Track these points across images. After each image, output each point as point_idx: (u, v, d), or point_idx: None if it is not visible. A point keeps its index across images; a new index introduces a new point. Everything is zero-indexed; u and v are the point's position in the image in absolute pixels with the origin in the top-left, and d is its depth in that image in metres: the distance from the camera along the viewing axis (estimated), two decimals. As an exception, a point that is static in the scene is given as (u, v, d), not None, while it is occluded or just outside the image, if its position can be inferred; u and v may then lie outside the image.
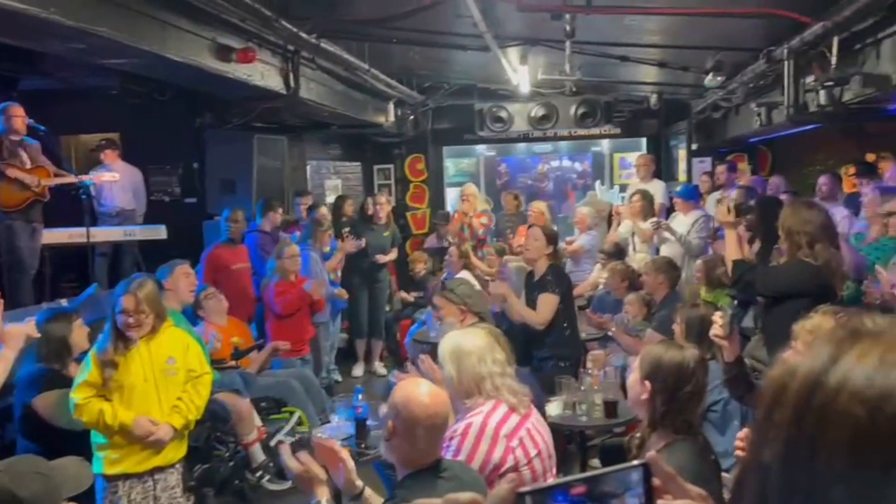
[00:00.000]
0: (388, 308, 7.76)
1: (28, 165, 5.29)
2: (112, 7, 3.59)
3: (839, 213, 5.58)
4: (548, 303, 4.45)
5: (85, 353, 3.44)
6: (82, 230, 5.68)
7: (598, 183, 9.84)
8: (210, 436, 4.28)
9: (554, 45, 5.46)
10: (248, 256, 6.12)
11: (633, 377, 2.52)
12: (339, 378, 6.97)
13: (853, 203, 5.95)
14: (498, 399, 2.68)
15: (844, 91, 4.62)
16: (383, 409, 2.32)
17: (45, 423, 3.36)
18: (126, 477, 3.24)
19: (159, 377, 3.32)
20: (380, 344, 7.50)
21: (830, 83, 4.48)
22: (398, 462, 2.24)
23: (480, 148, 10.38)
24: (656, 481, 0.73)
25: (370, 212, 7.48)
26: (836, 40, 4.33)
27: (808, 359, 0.44)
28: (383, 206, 7.32)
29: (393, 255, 7.51)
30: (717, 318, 2.76)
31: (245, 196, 6.89)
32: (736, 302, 4.62)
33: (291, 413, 4.73)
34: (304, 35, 4.92)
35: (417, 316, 7.01)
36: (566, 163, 10.62)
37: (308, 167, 8.60)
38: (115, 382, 3.21)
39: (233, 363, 4.75)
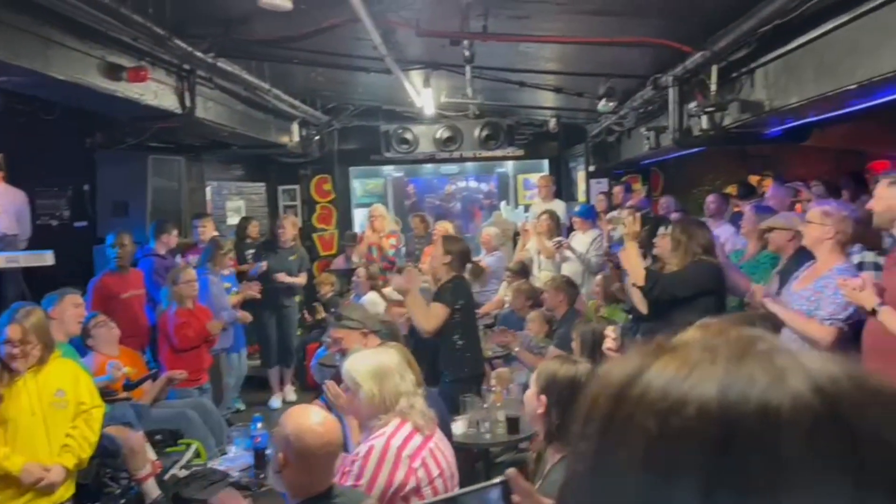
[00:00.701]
0: (299, 332, 7.62)
1: None
2: (-12, 23, 3.40)
3: (726, 231, 5.94)
4: (437, 312, 4.40)
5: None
6: (-41, 257, 5.29)
7: (503, 203, 10.07)
8: (100, 472, 4.04)
9: (455, 70, 5.57)
10: (143, 282, 5.86)
11: (529, 392, 2.59)
12: (243, 407, 6.77)
13: (737, 223, 6.36)
14: (404, 419, 2.68)
15: (724, 116, 4.94)
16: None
17: None
18: None
19: (48, 411, 3.13)
20: (290, 371, 7.33)
21: (711, 109, 4.77)
22: (289, 492, 2.20)
23: (388, 168, 10.42)
24: (515, 498, 0.75)
25: (286, 234, 7.34)
26: (714, 69, 4.64)
27: (617, 370, 0.47)
28: (287, 229, 7.19)
29: (301, 279, 7.37)
30: (610, 332, 2.88)
31: (139, 219, 6.60)
32: (630, 316, 4.82)
33: (188, 445, 4.53)
34: (199, 54, 4.81)
35: (324, 339, 6.91)
36: (473, 183, 10.81)
37: (208, 188, 8.34)
38: None
39: (124, 395, 4.51)
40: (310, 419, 2.18)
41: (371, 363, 2.73)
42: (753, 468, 0.39)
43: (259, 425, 3.37)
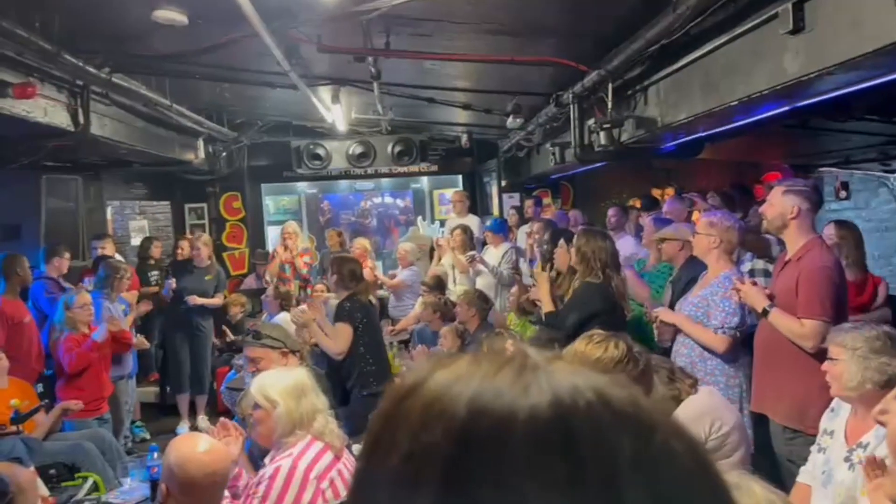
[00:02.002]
0: (213, 357, 7.36)
1: None
2: None
3: (627, 243, 6.16)
4: (342, 332, 4.49)
5: None
6: None
7: (419, 218, 10.11)
8: (-16, 514, 3.77)
9: (362, 86, 5.57)
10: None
11: None
12: (148, 436, 6.47)
13: (640, 234, 6.60)
14: (314, 438, 2.65)
15: (621, 132, 5.13)
16: None
17: None
18: None
19: None
20: (204, 398, 7.05)
21: (608, 125, 4.94)
22: None
23: (302, 185, 10.28)
24: None
25: (183, 253, 7.08)
26: (610, 87, 4.81)
27: (394, 388, 0.47)
28: (202, 248, 6.94)
29: (217, 300, 7.12)
30: (508, 346, 2.93)
31: (32, 242, 6.25)
32: (538, 328, 4.92)
33: (85, 479, 4.30)
34: (92, 69, 4.61)
35: (234, 362, 6.71)
36: (388, 199, 10.81)
37: (109, 208, 8.00)
38: None
39: (13, 428, 4.24)
40: (195, 447, 2.11)
41: (288, 380, 2.69)
42: (482, 488, 0.40)
43: (156, 455, 3.23)
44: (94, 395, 5.03)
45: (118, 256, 6.91)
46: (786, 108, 3.71)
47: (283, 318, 6.40)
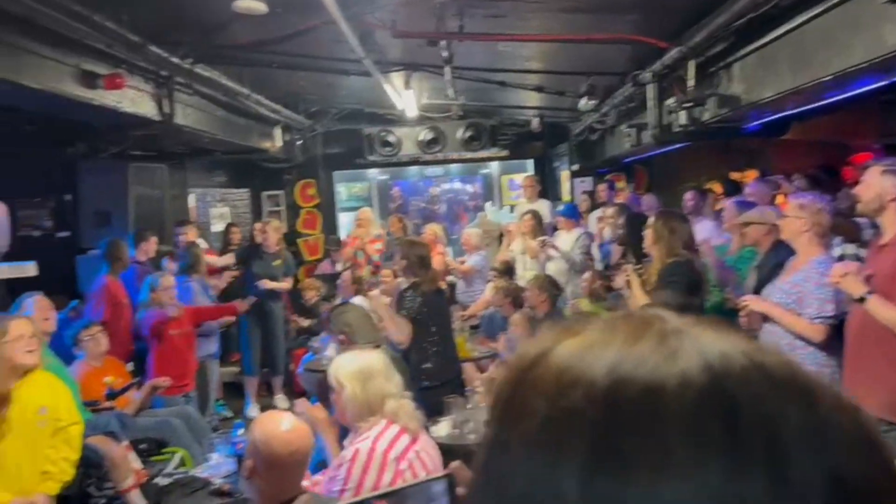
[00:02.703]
0: (284, 339, 7.55)
1: None
2: (-44, 31, 3.36)
3: (705, 227, 5.96)
4: (403, 323, 4.44)
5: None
6: (-63, 270, 5.25)
7: (488, 204, 10.08)
8: (83, 482, 3.99)
9: (435, 71, 5.56)
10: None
11: None
12: (230, 414, 6.71)
13: (720, 218, 6.37)
14: (390, 421, 2.67)
15: (703, 111, 4.95)
16: None
17: None
18: None
19: (29, 430, 3.06)
20: (279, 379, 7.25)
21: (689, 104, 4.78)
22: (259, 499, 2.18)
23: (373, 172, 10.40)
24: (460, 490, 0.74)
25: (258, 240, 7.28)
26: (692, 64, 4.65)
27: (520, 354, 0.46)
28: (270, 234, 7.12)
29: (286, 284, 7.29)
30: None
31: (122, 228, 6.55)
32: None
33: (173, 454, 4.50)
34: (176, 60, 4.78)
35: (311, 344, 6.88)
36: (457, 185, 10.82)
37: (191, 195, 8.30)
38: None
39: (108, 404, 4.47)
40: (279, 426, 2.16)
41: (355, 364, 2.72)
42: (633, 451, 0.38)
43: (240, 432, 3.35)
44: (181, 372, 5.24)
45: (202, 243, 7.17)
46: (884, 83, 3.50)
47: (358, 302, 6.51)
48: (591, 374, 0.41)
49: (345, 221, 9.96)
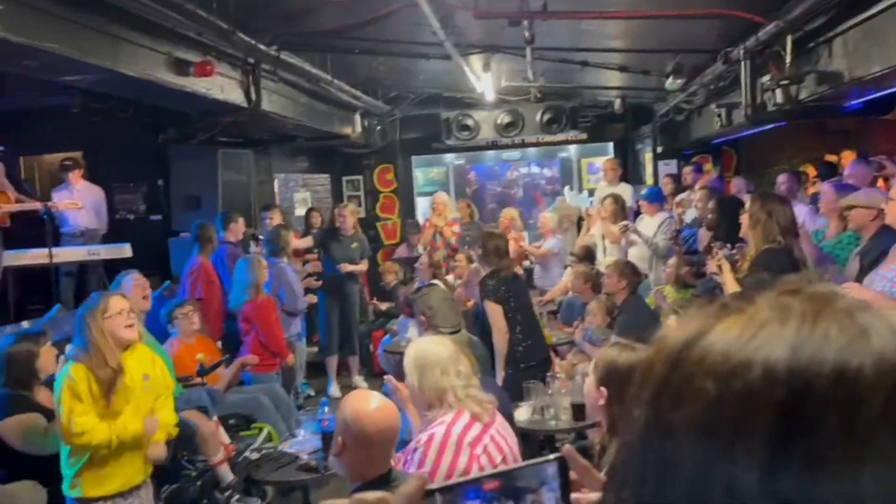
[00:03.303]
0: (361, 320, 7.69)
1: (-10, 191, 5.21)
2: (62, 23, 3.53)
3: (800, 212, 5.66)
4: (493, 311, 4.46)
5: (52, 376, 3.34)
6: (45, 251, 5.59)
7: (566, 188, 9.92)
8: (177, 455, 4.19)
9: (515, 52, 5.49)
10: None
11: (588, 382, 2.48)
12: (313, 393, 6.89)
13: (816, 203, 6.05)
14: (461, 409, 2.65)
15: (800, 89, 4.69)
16: None
17: (9, 449, 3.26)
18: (110, 497, 3.14)
19: (139, 395, 3.22)
20: (356, 359, 7.40)
21: (786, 82, 4.54)
22: (348, 476, 2.21)
23: (450, 156, 10.41)
24: (573, 475, 0.71)
25: (336, 223, 7.42)
26: (789, 39, 4.40)
27: (674, 335, 0.43)
28: (347, 217, 7.24)
29: (362, 266, 7.42)
30: (671, 322, 2.78)
31: (211, 212, 6.80)
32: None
33: (260, 429, 4.66)
34: (262, 47, 4.89)
35: (389, 327, 6.97)
36: (535, 169, 10.69)
37: (276, 180, 8.54)
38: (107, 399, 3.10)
39: (199, 380, 4.67)
40: (368, 404, 2.18)
41: (415, 354, 2.69)
42: (825, 438, 0.34)
43: (326, 409, 3.42)
44: (270, 352, 5.42)
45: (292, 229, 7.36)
46: None
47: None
48: (767, 353, 0.37)
49: (422, 206, 10.02)
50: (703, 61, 5.85)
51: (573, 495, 0.70)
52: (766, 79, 4.78)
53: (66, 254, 6.27)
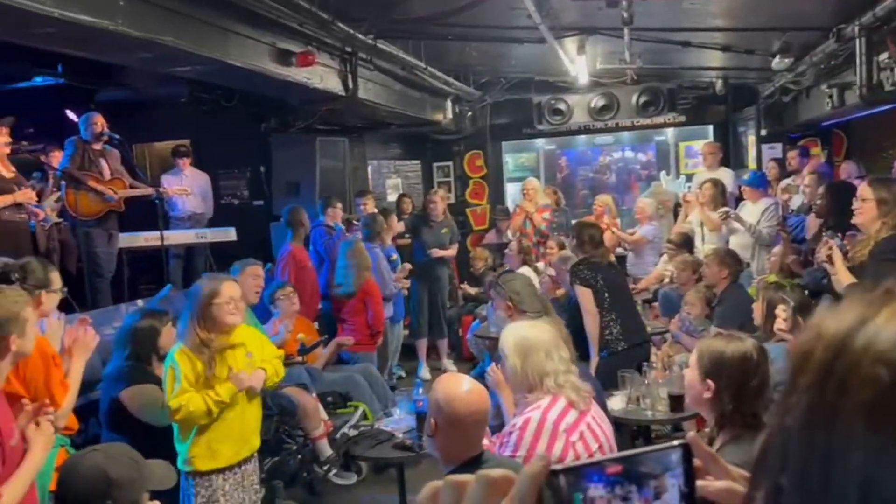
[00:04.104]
0: (450, 305, 7.78)
1: (107, 175, 5.57)
2: (175, 16, 3.74)
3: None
4: (583, 295, 4.45)
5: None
6: (157, 234, 5.94)
7: (663, 173, 9.63)
8: (279, 429, 4.40)
9: (612, 34, 5.37)
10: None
11: (690, 375, 2.39)
12: (404, 374, 7.05)
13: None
14: (557, 395, 2.64)
15: (924, 67, 4.37)
16: None
17: (130, 416, 3.47)
18: (220, 471, 3.26)
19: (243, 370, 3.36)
20: (444, 342, 7.50)
21: (907, 59, 4.24)
22: (441, 457, 2.26)
23: (540, 142, 10.31)
24: (697, 462, 0.71)
25: (428, 209, 7.51)
26: (912, 13, 4.11)
27: (835, 322, 0.42)
28: (438, 203, 7.32)
29: (452, 251, 7.49)
30: (780, 311, 2.66)
31: (309, 197, 7.04)
32: (807, 292, 4.44)
33: (356, 407, 4.82)
34: (360, 36, 5.00)
35: (478, 312, 7.01)
36: (629, 153, 10.42)
37: (369, 167, 8.73)
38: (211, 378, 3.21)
39: (299, 359, 4.87)
40: (459, 387, 2.23)
41: (517, 336, 2.69)
42: None
43: (420, 390, 3.50)
44: (366, 333, 5.58)
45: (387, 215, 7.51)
46: None
47: (525, 272, 6.53)
48: None
49: (512, 191, 9.99)
50: (813, 39, 5.53)
51: (698, 482, 0.70)
52: (883, 56, 4.49)
53: (176, 237, 6.64)
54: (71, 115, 5.71)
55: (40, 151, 5.91)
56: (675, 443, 0.69)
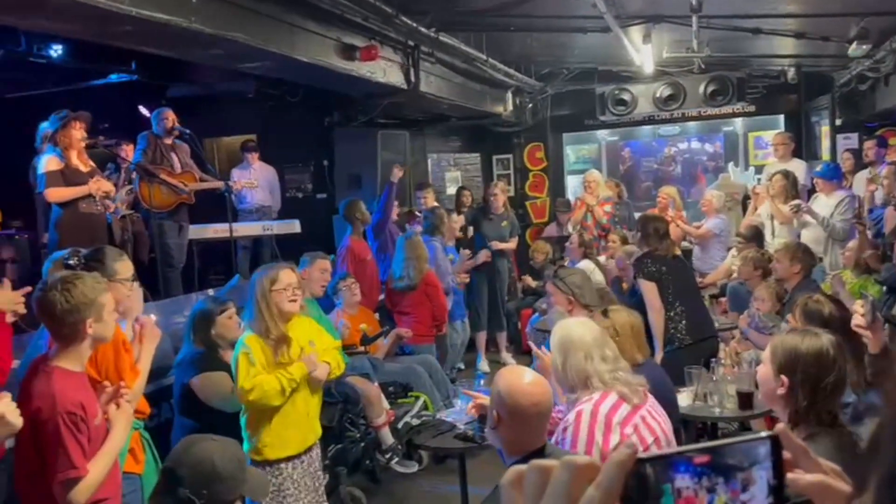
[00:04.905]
0: (508, 298, 7.76)
1: (178, 169, 5.77)
2: (245, 13, 3.83)
3: None
4: (647, 289, 4.40)
5: (236, 340, 3.62)
6: (226, 226, 6.11)
7: (731, 165, 9.36)
8: (342, 417, 4.48)
9: (679, 21, 5.24)
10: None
11: (763, 371, 2.32)
12: (462, 367, 7.06)
13: None
14: (608, 391, 2.61)
15: None
16: None
17: (200, 402, 3.57)
18: (289, 459, 3.31)
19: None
20: (504, 335, 7.49)
21: None
22: (504, 449, 2.26)
23: (602, 133, 10.14)
24: (786, 455, 0.69)
25: (489, 202, 7.49)
26: None
27: None
28: (498, 195, 7.29)
29: (512, 244, 7.47)
30: (858, 307, 2.55)
31: (371, 190, 7.13)
32: (885, 288, 4.25)
33: (417, 398, 4.86)
34: (423, 29, 5.02)
35: (537, 305, 6.97)
36: (695, 144, 10.15)
37: (429, 160, 8.77)
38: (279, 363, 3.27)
39: (361, 349, 4.94)
40: (521, 378, 2.23)
41: (561, 334, 2.66)
42: None
43: (482, 382, 3.50)
44: (428, 325, 5.63)
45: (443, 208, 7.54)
46: None
47: (585, 265, 6.45)
48: None
49: (572, 184, 9.87)
50: (892, 24, 5.27)
51: (788, 475, 0.68)
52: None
53: (244, 229, 6.83)
54: (143, 110, 5.93)
55: (113, 146, 6.16)
56: (764, 434, 0.67)
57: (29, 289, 2.71)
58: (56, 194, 4.62)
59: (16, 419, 1.96)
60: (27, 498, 2.37)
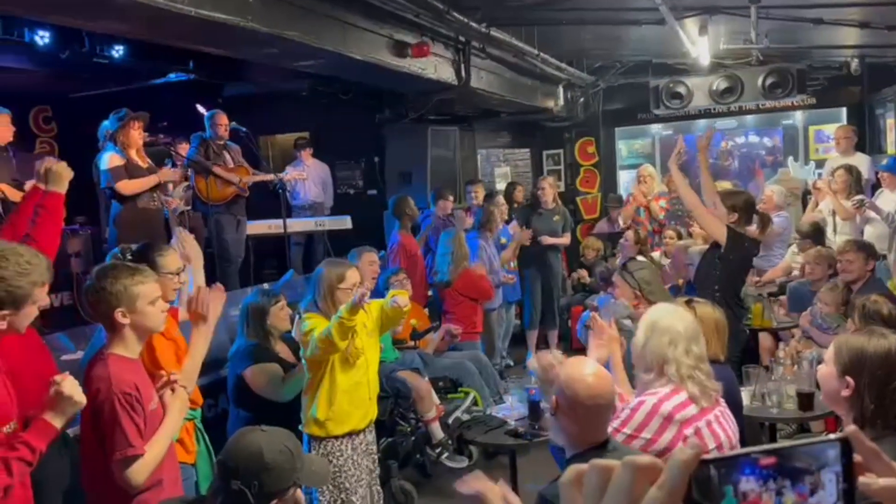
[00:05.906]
0: (560, 295, 7.69)
1: (230, 166, 5.93)
2: (300, 12, 3.89)
3: None
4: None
5: (287, 332, 3.70)
6: (280, 222, 6.24)
7: (790, 159, 9.08)
8: (394, 410, 4.52)
9: (737, 12, 5.10)
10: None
11: (826, 371, 2.24)
12: (512, 363, 7.04)
13: None
14: (679, 387, 2.57)
15: None
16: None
17: (253, 393, 3.66)
18: (349, 435, 3.39)
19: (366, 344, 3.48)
20: (555, 332, 7.42)
21: None
22: (565, 441, 2.25)
23: (656, 127, 9.94)
24: (857, 458, 0.67)
25: (539, 197, 7.44)
26: None
27: None
28: (546, 189, 7.21)
29: (565, 239, 7.38)
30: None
31: (421, 187, 7.16)
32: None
33: (467, 393, 4.87)
34: (474, 25, 5.01)
35: (588, 302, 6.89)
36: (753, 138, 9.86)
37: (479, 156, 8.75)
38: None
39: (412, 344, 4.97)
40: (583, 370, 2.22)
41: (655, 316, 2.64)
42: None
43: (534, 378, 3.47)
44: (470, 323, 5.64)
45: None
46: None
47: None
48: None
49: (625, 179, 9.71)
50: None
51: (860, 479, 0.66)
52: None
53: (297, 224, 6.96)
54: (200, 108, 6.08)
55: (171, 143, 6.35)
56: (833, 437, 0.65)
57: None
58: (129, 186, 4.80)
59: (80, 396, 2.08)
60: (91, 484, 2.46)
